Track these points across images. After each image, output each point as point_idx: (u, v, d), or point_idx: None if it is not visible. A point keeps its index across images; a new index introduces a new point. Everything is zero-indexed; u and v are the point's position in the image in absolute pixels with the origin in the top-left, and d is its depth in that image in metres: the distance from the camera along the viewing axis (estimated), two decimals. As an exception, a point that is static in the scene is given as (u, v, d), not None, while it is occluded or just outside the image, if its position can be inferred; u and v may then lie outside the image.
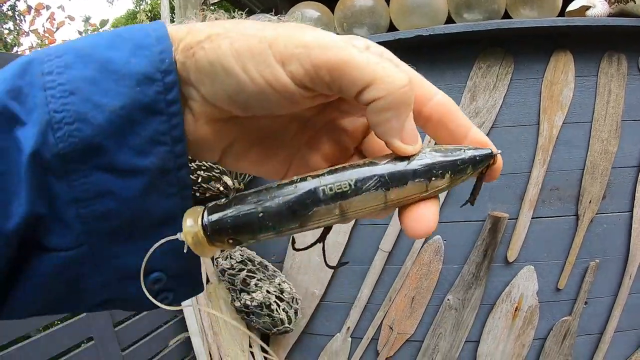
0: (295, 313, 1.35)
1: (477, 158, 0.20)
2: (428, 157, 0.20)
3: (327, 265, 0.28)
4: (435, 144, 0.21)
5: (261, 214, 0.19)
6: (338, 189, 0.19)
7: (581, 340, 1.44)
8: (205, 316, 1.32)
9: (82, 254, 0.20)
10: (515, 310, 1.43)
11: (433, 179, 0.19)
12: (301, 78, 0.18)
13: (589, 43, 1.39)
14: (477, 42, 1.36)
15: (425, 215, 0.20)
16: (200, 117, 0.20)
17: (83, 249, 0.20)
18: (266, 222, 0.19)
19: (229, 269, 1.34)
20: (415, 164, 0.19)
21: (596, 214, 1.42)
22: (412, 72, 0.20)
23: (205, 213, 0.20)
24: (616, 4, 1.39)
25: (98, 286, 0.21)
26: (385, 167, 0.19)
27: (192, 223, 0.19)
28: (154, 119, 0.18)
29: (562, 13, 1.44)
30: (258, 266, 1.36)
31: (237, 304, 1.35)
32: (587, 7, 1.42)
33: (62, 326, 1.10)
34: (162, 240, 0.20)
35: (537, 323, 1.44)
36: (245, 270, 1.33)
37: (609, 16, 1.40)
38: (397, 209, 0.21)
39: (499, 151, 0.20)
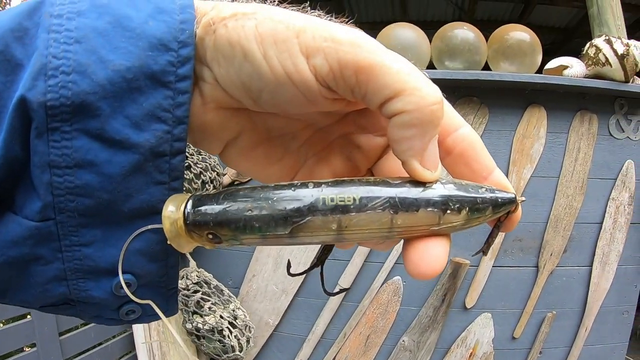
0: (247, 341, 1.33)
1: (500, 200, 0.18)
2: (446, 188, 0.18)
3: (326, 292, 0.26)
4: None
5: (249, 211, 0.17)
6: (340, 201, 0.17)
7: (533, 390, 1.45)
8: (155, 336, 1.29)
9: (46, 231, 0.17)
10: (470, 356, 1.43)
11: (448, 212, 0.17)
12: (325, 75, 0.17)
13: (563, 101, 1.43)
14: (455, 89, 1.38)
15: (433, 253, 0.17)
16: (209, 101, 0.19)
17: (49, 224, 0.17)
18: (253, 222, 0.17)
19: (183, 289, 1.31)
20: (430, 193, 0.17)
21: (556, 266, 1.45)
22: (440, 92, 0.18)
23: (190, 201, 0.18)
24: (593, 66, 1.43)
25: (54, 277, 0.18)
26: (397, 189, 0.17)
27: (174, 209, 0.17)
28: (159, 91, 0.17)
29: (540, 70, 1.49)
30: (214, 289, 1.33)
31: (189, 325, 1.31)
32: (565, 67, 1.47)
33: (4, 328, 1.06)
34: (144, 228, 0.18)
35: (491, 370, 1.44)
36: (200, 293, 1.31)
37: (584, 77, 1.44)
38: (402, 240, 0.18)
39: (523, 198, 0.19)
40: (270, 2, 0.19)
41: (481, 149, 0.19)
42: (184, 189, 0.19)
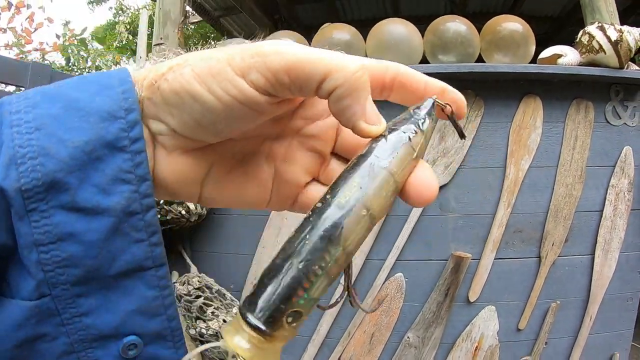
0: (252, 344, 1.32)
1: (426, 109, 0.22)
2: (395, 129, 0.21)
3: (362, 309, 0.29)
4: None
5: (301, 263, 0.18)
6: (352, 196, 0.19)
7: (540, 380, 1.45)
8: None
9: (45, 308, 0.18)
10: (476, 350, 1.43)
11: (411, 137, 0.21)
12: (263, 85, 0.19)
13: (558, 90, 1.42)
14: (449, 83, 1.37)
15: (426, 176, 0.21)
16: (173, 150, 0.21)
17: (46, 301, 0.18)
18: (312, 268, 0.18)
19: (185, 294, 1.31)
20: (392, 136, 0.21)
21: (558, 256, 1.44)
22: (364, 59, 0.21)
23: (246, 311, 0.18)
24: (587, 53, 1.43)
25: (64, 352, 0.19)
26: (374, 152, 0.20)
27: (239, 337, 0.17)
28: (118, 156, 0.18)
29: (534, 60, 1.48)
30: (215, 294, 1.33)
31: (192, 331, 1.31)
32: (559, 56, 1.47)
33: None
34: (206, 346, 0.19)
35: (497, 363, 1.44)
36: (202, 298, 1.30)
37: (579, 65, 1.44)
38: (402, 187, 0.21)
39: (434, 97, 0.22)
40: (206, 47, 0.23)
41: (408, 72, 0.22)
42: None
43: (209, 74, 0.19)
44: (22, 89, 1.10)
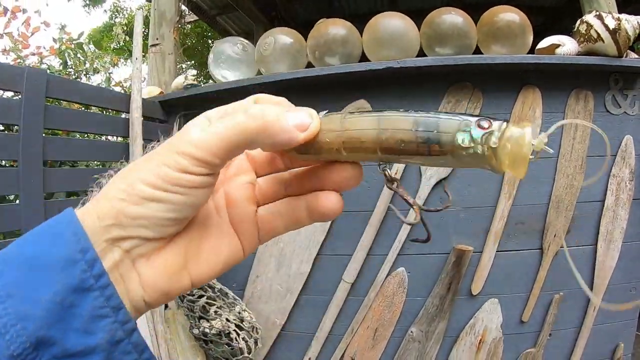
0: (255, 342, 1.32)
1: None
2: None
3: (417, 240, 0.34)
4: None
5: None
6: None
7: (545, 372, 1.45)
8: (162, 343, 1.28)
9: None
10: (480, 343, 1.43)
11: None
12: (203, 170, 0.22)
13: (557, 80, 1.41)
14: (447, 76, 1.37)
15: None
16: (152, 253, 0.22)
17: None
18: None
19: (188, 294, 1.31)
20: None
21: (561, 247, 1.43)
22: (248, 105, 0.24)
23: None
24: (585, 43, 1.42)
25: None
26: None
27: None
28: (88, 296, 0.20)
29: (532, 50, 1.47)
30: (218, 293, 1.33)
31: (196, 331, 1.31)
32: (557, 45, 1.45)
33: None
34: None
35: (501, 355, 1.43)
36: (205, 297, 1.30)
37: (577, 54, 1.43)
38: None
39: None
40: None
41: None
42: None
43: (157, 178, 0.21)
44: (19, 95, 1.09)
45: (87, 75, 2.99)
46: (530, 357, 1.45)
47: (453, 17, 1.37)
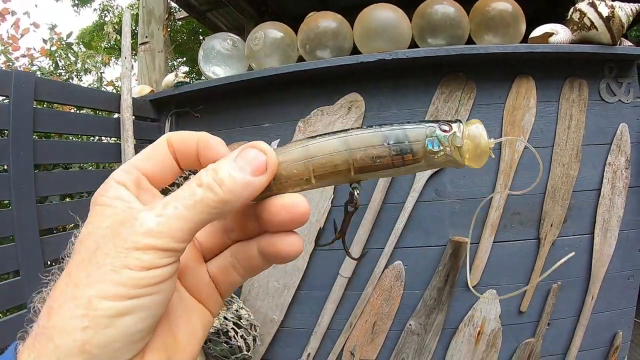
0: (254, 340, 1.32)
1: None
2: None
3: (350, 257, 0.32)
4: None
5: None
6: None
7: (545, 361, 1.45)
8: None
9: None
10: (478, 334, 1.43)
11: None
12: (169, 260, 0.20)
13: (550, 69, 1.40)
14: (440, 67, 1.35)
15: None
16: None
17: None
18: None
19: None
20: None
21: (557, 237, 1.43)
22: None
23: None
24: (578, 31, 1.40)
25: None
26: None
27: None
28: None
29: (525, 39, 1.46)
30: (215, 292, 1.32)
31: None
32: (550, 34, 1.44)
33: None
34: None
35: (500, 346, 1.44)
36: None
37: (571, 43, 1.41)
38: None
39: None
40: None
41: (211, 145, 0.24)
42: None
43: (120, 286, 0.18)
44: (7, 99, 1.08)
45: (79, 76, 2.96)
46: (530, 347, 1.45)
47: (445, 7, 1.35)
